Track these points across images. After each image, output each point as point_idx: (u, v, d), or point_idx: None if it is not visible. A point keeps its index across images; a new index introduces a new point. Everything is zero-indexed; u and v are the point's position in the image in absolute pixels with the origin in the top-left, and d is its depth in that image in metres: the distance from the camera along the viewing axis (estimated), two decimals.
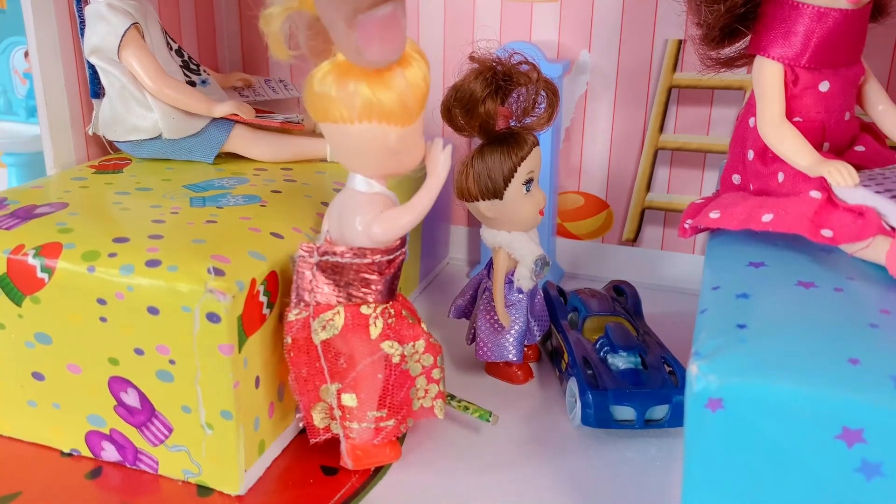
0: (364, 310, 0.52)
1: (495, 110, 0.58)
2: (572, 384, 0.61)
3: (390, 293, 0.53)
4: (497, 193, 0.60)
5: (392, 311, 0.53)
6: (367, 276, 0.51)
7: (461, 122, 0.60)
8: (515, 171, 0.60)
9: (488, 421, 0.59)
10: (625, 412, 0.58)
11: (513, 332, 0.65)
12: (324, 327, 0.51)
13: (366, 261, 0.50)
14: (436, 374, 0.55)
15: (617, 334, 0.63)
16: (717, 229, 0.54)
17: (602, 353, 0.62)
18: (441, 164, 0.50)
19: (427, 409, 0.56)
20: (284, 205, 0.61)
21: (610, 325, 0.64)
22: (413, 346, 0.54)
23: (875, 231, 0.46)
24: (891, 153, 0.54)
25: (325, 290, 0.51)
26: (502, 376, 0.67)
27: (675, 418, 0.58)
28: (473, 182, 0.60)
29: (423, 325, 0.54)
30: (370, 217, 0.50)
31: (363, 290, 0.51)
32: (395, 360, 0.53)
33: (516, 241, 0.63)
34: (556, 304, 0.71)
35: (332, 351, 0.52)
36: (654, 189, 0.83)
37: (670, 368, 0.61)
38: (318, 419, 0.55)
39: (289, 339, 0.52)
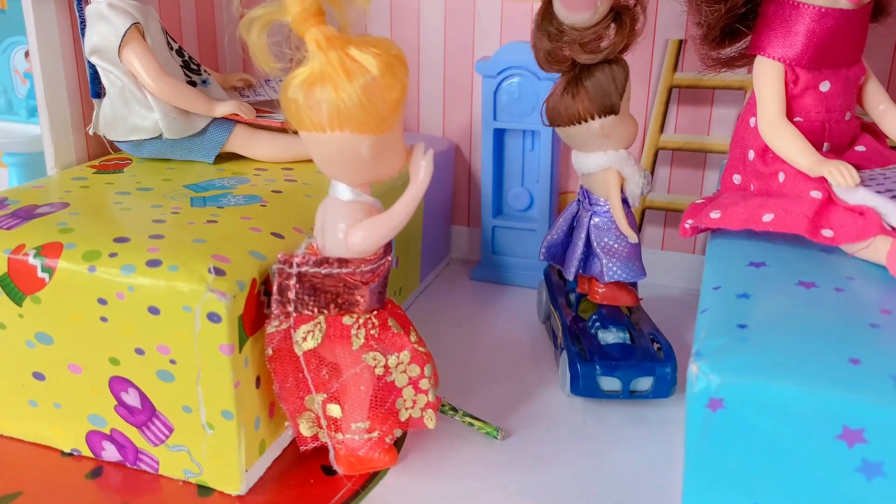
0: (346, 321, 0.51)
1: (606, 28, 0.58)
2: (563, 357, 0.64)
3: (378, 301, 0.52)
4: (614, 108, 0.60)
5: (376, 321, 0.52)
6: (350, 286, 0.50)
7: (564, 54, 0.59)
8: (626, 82, 0.60)
9: (496, 437, 0.59)
10: (611, 383, 0.61)
11: (635, 249, 0.64)
12: (305, 338, 0.51)
13: (348, 270, 0.50)
14: (424, 384, 0.54)
15: (608, 311, 0.66)
16: (717, 229, 0.54)
17: (593, 329, 0.65)
18: (423, 171, 0.49)
19: (416, 420, 0.55)
20: (285, 205, 0.61)
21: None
22: (398, 356, 0.53)
23: (876, 231, 0.46)
24: (891, 153, 0.54)
25: (305, 301, 0.50)
26: (616, 300, 0.66)
27: (659, 390, 0.62)
28: (589, 101, 0.59)
29: (411, 335, 0.54)
30: (351, 226, 0.49)
31: (347, 300, 0.51)
32: (379, 371, 0.53)
33: (626, 157, 0.62)
34: (555, 285, 0.74)
35: (315, 362, 0.52)
36: (655, 189, 0.83)
37: (658, 345, 0.64)
38: (305, 428, 0.54)
39: (270, 351, 0.52)
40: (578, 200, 0.67)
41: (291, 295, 0.50)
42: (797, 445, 0.38)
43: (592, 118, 0.60)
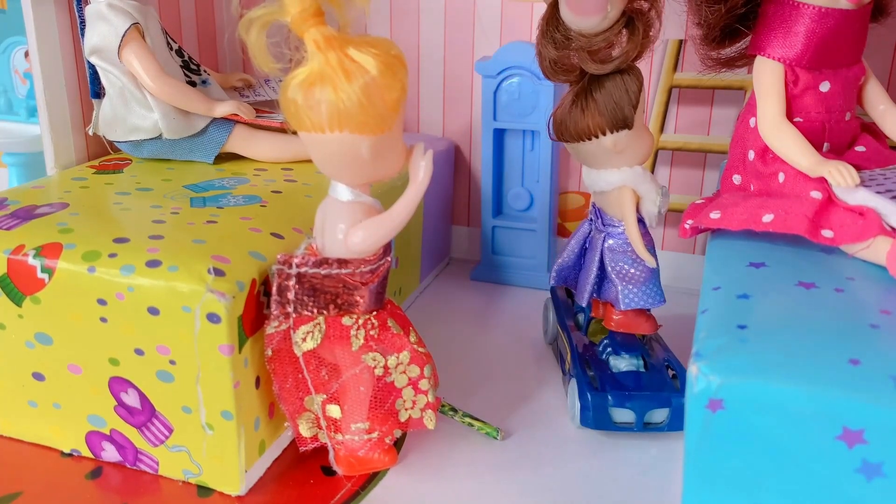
0: (346, 321, 0.51)
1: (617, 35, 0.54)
2: (572, 385, 0.61)
3: (377, 302, 0.52)
4: (627, 122, 0.55)
5: (376, 321, 0.52)
6: (349, 286, 0.50)
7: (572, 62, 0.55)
8: (639, 93, 0.55)
9: (495, 437, 0.59)
10: (624, 415, 0.58)
11: (654, 272, 0.60)
12: (304, 339, 0.51)
13: (347, 271, 0.50)
14: (423, 384, 0.54)
15: (620, 336, 0.62)
16: (717, 230, 0.54)
17: (604, 355, 0.62)
18: (423, 171, 0.48)
19: (416, 420, 0.55)
20: (285, 205, 0.61)
21: None
22: (397, 357, 0.53)
23: (876, 232, 0.46)
24: (891, 153, 0.54)
25: (305, 302, 0.50)
26: (634, 327, 0.62)
27: (676, 422, 0.57)
28: (599, 115, 0.55)
29: (410, 336, 0.54)
30: (350, 227, 0.49)
31: (346, 300, 0.51)
32: (378, 372, 0.53)
33: (641, 174, 0.58)
34: (563, 305, 0.71)
35: (314, 363, 0.52)
36: None
37: (673, 372, 0.60)
38: (304, 428, 0.54)
39: (269, 352, 0.52)
40: (590, 220, 0.63)
41: (291, 296, 0.50)
42: (797, 446, 0.38)
43: (604, 133, 0.56)
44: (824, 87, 0.52)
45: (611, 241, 0.61)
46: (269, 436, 0.55)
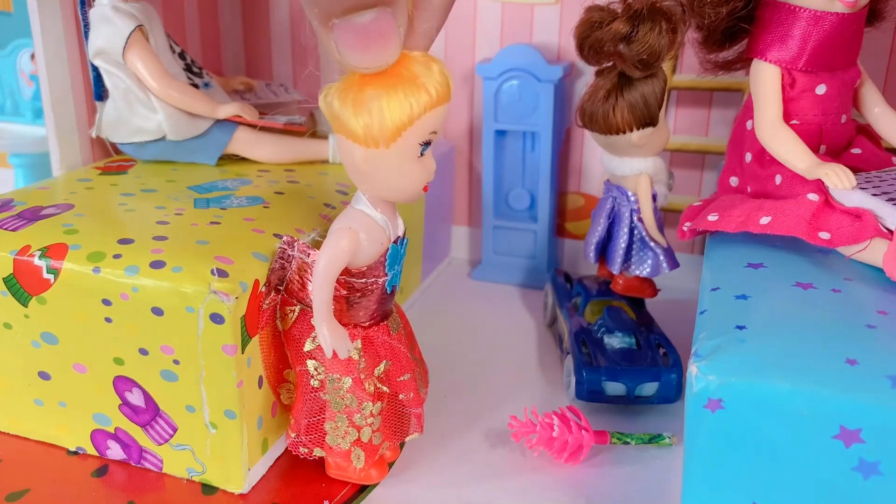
0: (314, 321, 0.51)
1: (665, 45, 0.58)
2: (568, 361, 0.64)
3: (352, 318, 0.51)
4: (653, 120, 0.61)
5: None
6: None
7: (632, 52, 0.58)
8: (664, 93, 0.60)
9: (670, 444, 0.58)
10: (616, 388, 0.61)
11: (664, 245, 0.67)
12: (284, 318, 0.52)
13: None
14: (358, 419, 0.52)
15: (614, 316, 0.66)
16: (715, 231, 0.54)
17: (599, 334, 0.65)
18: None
19: (344, 452, 0.53)
20: (287, 206, 0.61)
21: (609, 307, 0.68)
22: (339, 380, 0.51)
23: (872, 233, 0.46)
24: (887, 155, 0.55)
25: (291, 285, 0.52)
26: (638, 291, 0.69)
27: (664, 395, 0.61)
28: (629, 113, 0.60)
29: (380, 366, 0.52)
30: (338, 230, 0.49)
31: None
32: (314, 383, 0.52)
33: (657, 163, 0.64)
34: (561, 289, 0.74)
35: (286, 342, 0.53)
36: None
37: (664, 349, 0.64)
38: (285, 398, 0.55)
39: (261, 324, 0.52)
40: (613, 197, 0.67)
41: (286, 275, 0.51)
42: (795, 445, 0.38)
43: (632, 130, 0.61)
44: (820, 89, 0.52)
45: (634, 214, 0.66)
46: (272, 434, 0.56)
